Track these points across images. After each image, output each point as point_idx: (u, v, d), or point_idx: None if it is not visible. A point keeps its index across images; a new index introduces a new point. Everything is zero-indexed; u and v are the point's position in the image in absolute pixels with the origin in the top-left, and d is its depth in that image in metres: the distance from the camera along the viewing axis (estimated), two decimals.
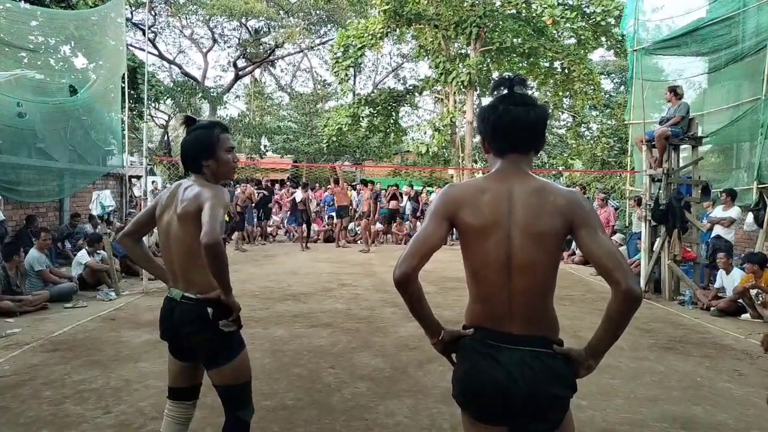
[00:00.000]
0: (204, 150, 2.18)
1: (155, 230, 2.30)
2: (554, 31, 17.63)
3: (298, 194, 14.34)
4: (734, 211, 8.03)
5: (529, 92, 1.80)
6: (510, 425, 1.57)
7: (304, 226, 12.91)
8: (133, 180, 15.02)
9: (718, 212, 8.15)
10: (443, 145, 19.94)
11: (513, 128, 1.61)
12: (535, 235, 1.54)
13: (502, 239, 1.55)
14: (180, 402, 2.29)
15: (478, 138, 2.06)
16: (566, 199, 1.57)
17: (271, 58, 27.62)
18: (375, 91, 23.31)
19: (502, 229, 1.55)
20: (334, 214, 13.99)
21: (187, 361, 2.24)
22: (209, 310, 2.08)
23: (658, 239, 7.76)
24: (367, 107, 20.00)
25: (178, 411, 2.28)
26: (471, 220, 1.58)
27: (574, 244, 11.01)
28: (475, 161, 25.10)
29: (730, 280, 6.88)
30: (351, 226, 14.37)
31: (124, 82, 8.53)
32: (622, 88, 23.32)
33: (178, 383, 2.28)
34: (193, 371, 2.27)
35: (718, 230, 7.92)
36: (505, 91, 1.65)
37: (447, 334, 1.66)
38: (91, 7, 10.78)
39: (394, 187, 15.81)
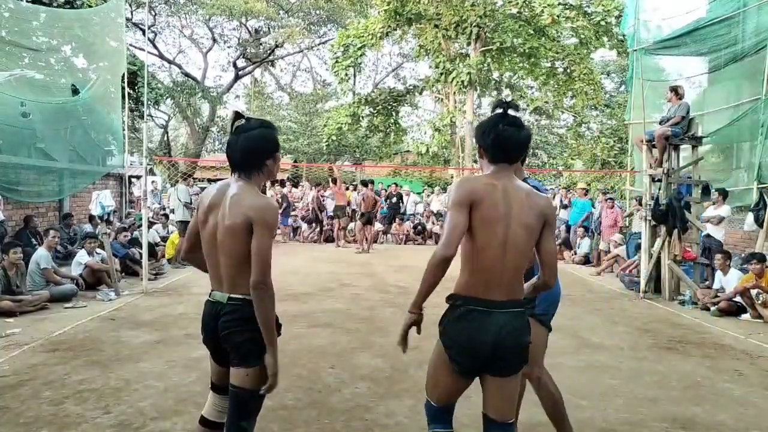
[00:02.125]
0: (272, 149, 2.18)
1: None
2: (555, 31, 17.63)
3: (309, 193, 14.41)
4: (724, 210, 8.18)
5: (524, 105, 2.09)
6: (487, 372, 2.05)
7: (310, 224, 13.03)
8: (133, 180, 15.02)
9: (709, 211, 8.28)
10: (443, 145, 19.93)
11: (508, 144, 2.07)
12: (525, 226, 2.03)
13: (504, 226, 2.01)
14: (226, 396, 2.25)
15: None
16: (545, 201, 2.11)
17: (270, 58, 27.57)
18: (375, 90, 23.29)
19: (504, 218, 2.01)
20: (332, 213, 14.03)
21: (226, 366, 2.21)
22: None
23: (658, 239, 7.76)
24: (367, 107, 20.00)
25: (225, 402, 2.25)
26: (485, 209, 2.00)
27: (577, 243, 10.90)
28: (475, 161, 25.04)
29: (728, 281, 6.89)
30: (351, 226, 14.37)
31: (124, 83, 8.51)
32: (622, 88, 23.31)
33: (222, 382, 2.24)
34: None
35: (708, 229, 7.99)
36: (502, 112, 2.09)
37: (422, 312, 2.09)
38: (90, 7, 10.77)
39: (394, 186, 15.79)
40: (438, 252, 1.96)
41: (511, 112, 2.08)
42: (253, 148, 2.15)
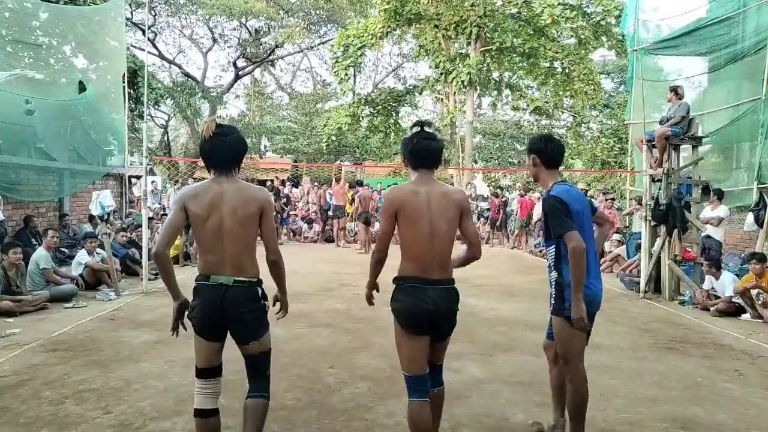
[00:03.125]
0: (246, 149, 2.63)
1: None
2: (554, 31, 17.62)
3: (312, 192, 14.38)
4: (721, 210, 8.22)
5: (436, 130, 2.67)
6: (431, 333, 2.60)
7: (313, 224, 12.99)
8: (133, 180, 15.00)
9: (706, 212, 8.30)
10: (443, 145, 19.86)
11: (423, 152, 2.63)
12: (446, 220, 2.57)
13: (427, 222, 2.55)
14: (213, 379, 2.57)
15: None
16: (460, 196, 2.67)
17: (271, 58, 27.57)
18: (375, 90, 23.28)
19: (426, 216, 2.55)
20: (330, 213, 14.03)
21: (219, 341, 2.55)
22: (259, 290, 2.54)
23: (658, 239, 7.76)
24: (367, 107, 19.98)
25: (213, 386, 2.57)
26: (410, 212, 2.55)
27: None
28: (475, 161, 25.03)
29: (721, 284, 6.89)
30: (351, 226, 14.36)
31: (124, 82, 8.50)
32: (622, 88, 23.29)
33: (211, 363, 2.55)
34: (221, 349, 2.59)
35: (708, 230, 8.02)
36: (419, 129, 2.65)
37: (377, 285, 2.83)
38: (89, 5, 10.76)
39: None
40: (375, 254, 2.67)
41: (426, 129, 2.65)
42: (237, 150, 2.55)
